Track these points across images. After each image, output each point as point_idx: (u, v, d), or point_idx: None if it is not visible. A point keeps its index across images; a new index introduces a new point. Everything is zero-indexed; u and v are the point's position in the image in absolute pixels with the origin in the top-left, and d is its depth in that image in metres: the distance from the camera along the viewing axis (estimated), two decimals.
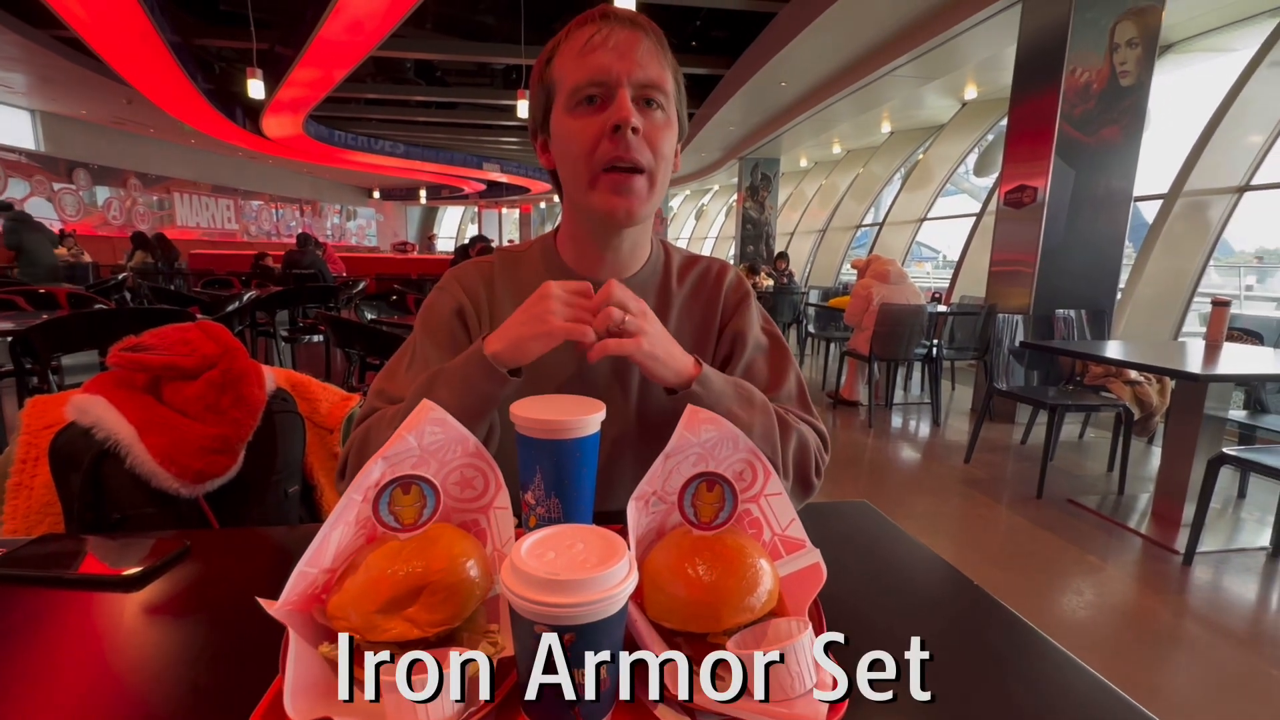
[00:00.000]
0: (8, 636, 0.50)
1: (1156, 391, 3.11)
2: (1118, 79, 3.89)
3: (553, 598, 0.35)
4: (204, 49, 8.40)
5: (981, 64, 5.65)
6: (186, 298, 4.11)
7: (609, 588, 0.36)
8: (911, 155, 8.79)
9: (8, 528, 0.82)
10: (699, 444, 0.51)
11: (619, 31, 0.66)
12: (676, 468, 0.51)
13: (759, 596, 0.44)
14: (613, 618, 0.37)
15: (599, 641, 0.37)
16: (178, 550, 0.62)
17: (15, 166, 10.28)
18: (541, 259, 0.80)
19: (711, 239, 15.22)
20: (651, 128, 0.68)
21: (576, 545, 0.40)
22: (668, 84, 0.69)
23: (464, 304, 0.77)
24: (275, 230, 16.75)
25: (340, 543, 0.44)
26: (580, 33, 0.67)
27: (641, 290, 0.79)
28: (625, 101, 0.66)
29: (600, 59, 0.66)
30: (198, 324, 0.88)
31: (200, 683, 0.45)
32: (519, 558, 0.37)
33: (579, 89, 0.67)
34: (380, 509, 0.43)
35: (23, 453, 0.86)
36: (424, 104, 11.37)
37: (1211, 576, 2.18)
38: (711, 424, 0.51)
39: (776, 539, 0.53)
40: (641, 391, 0.77)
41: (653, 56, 0.67)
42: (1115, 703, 0.45)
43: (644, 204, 0.71)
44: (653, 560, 0.47)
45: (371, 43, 6.64)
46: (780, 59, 6.00)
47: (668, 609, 0.44)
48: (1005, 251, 4.30)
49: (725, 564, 0.44)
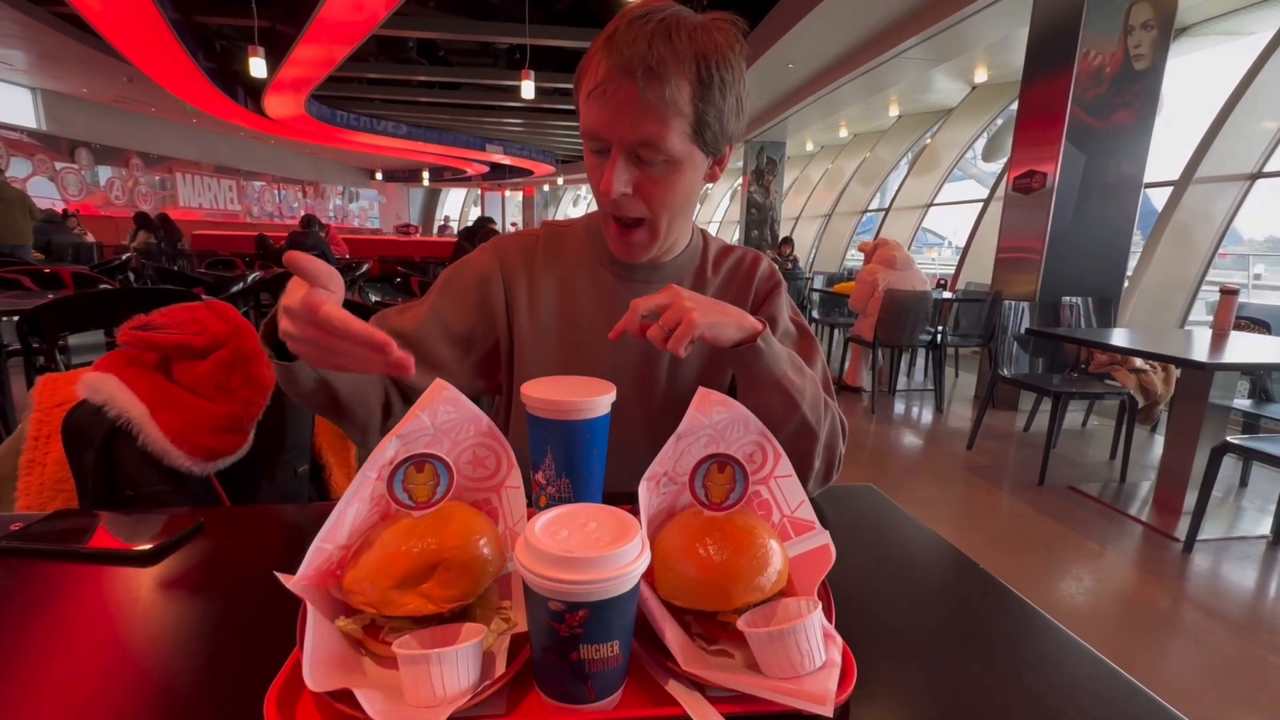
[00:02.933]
0: (27, 609, 0.50)
1: (1161, 380, 3.10)
2: (1131, 62, 3.83)
3: (567, 575, 0.36)
4: (205, 26, 8.31)
5: (993, 46, 5.56)
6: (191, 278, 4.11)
7: (622, 566, 0.37)
8: (919, 139, 8.68)
9: (21, 503, 0.83)
10: (710, 425, 0.51)
11: (623, 86, 0.63)
12: (688, 449, 0.51)
13: (769, 576, 0.44)
14: (625, 595, 0.37)
15: (611, 618, 0.37)
16: (191, 527, 0.63)
17: (17, 145, 10.24)
18: (586, 236, 0.83)
19: (716, 223, 15.12)
20: (647, 182, 0.68)
21: (590, 524, 0.40)
22: (668, 139, 0.65)
23: (493, 274, 0.80)
24: (278, 211, 16.70)
25: (355, 519, 0.45)
26: (595, 68, 0.65)
27: (678, 275, 0.83)
28: (611, 172, 0.67)
29: (598, 116, 0.66)
30: (206, 303, 0.89)
31: (217, 655, 0.45)
32: (533, 535, 0.38)
33: (586, 136, 0.69)
34: (395, 487, 0.43)
35: (35, 430, 0.87)
36: (426, 84, 11.25)
37: (1211, 564, 2.19)
38: (723, 406, 0.51)
39: (786, 520, 0.53)
40: (671, 372, 0.80)
41: (650, 114, 0.64)
42: (1116, 680, 0.45)
43: (645, 249, 0.75)
44: (664, 540, 0.47)
45: (374, 20, 6.55)
46: (787, 41, 5.91)
47: (678, 588, 0.44)
48: (1012, 238, 4.27)
49: (735, 544, 0.45)
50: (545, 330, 0.80)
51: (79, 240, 7.65)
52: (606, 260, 0.81)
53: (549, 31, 7.58)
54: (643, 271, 0.80)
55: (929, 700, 0.43)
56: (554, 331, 0.80)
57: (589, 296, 0.80)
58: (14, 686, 0.42)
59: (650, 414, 0.79)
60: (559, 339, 0.80)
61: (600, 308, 0.79)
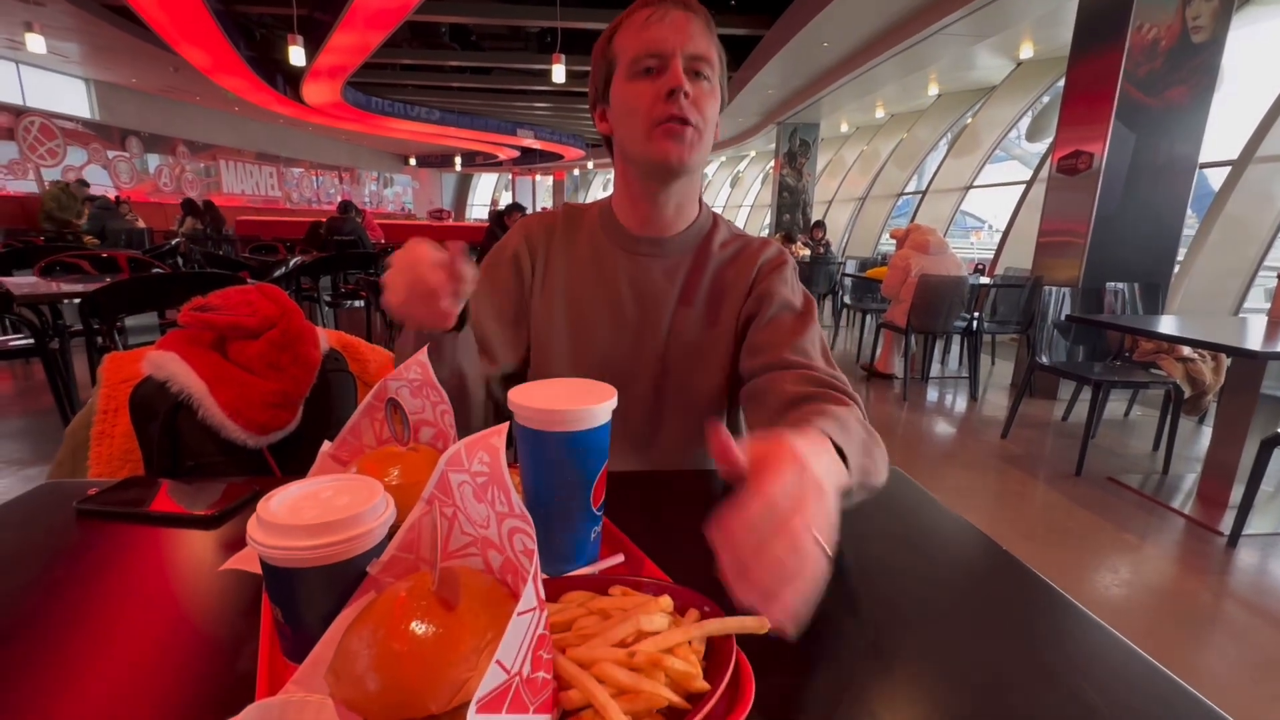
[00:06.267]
0: (103, 564, 0.56)
1: (1211, 369, 2.98)
2: (1189, 35, 3.63)
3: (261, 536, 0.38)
4: (245, 15, 8.49)
5: (1040, 19, 5.33)
6: (236, 263, 4.26)
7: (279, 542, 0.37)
8: (959, 119, 8.40)
9: (94, 471, 0.90)
10: (468, 473, 0.37)
11: (674, 11, 0.76)
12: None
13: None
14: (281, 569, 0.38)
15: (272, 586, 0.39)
16: (249, 494, 0.68)
17: (73, 135, 10.67)
18: (598, 217, 0.90)
19: (747, 207, 14.93)
20: (699, 94, 0.77)
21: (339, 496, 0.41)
22: (714, 58, 0.78)
23: (522, 251, 0.88)
24: (315, 197, 17.07)
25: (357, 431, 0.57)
26: (640, 12, 0.77)
27: (682, 246, 0.87)
28: (678, 70, 0.76)
29: (657, 33, 0.76)
30: (257, 286, 0.94)
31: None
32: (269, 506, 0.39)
33: (639, 59, 0.76)
34: (388, 418, 0.53)
35: (104, 404, 0.94)
36: (458, 69, 11.32)
37: (1258, 560, 2.12)
38: (490, 458, 0.36)
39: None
40: (671, 332, 0.85)
41: (702, 34, 0.77)
42: (1149, 671, 0.45)
43: (693, 152, 0.79)
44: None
45: (408, 6, 6.61)
46: (823, 18, 5.76)
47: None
48: (1056, 221, 4.12)
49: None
50: (554, 296, 0.87)
51: (131, 226, 7.98)
52: (615, 235, 0.87)
53: (580, 15, 7.53)
54: (646, 245, 0.86)
55: (958, 684, 0.43)
56: (561, 297, 0.87)
57: (592, 265, 0.87)
58: (91, 632, 0.46)
59: (649, 375, 0.84)
60: (565, 306, 0.86)
61: (600, 275, 0.86)
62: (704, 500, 0.68)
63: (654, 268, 0.85)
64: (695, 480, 0.79)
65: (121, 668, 0.43)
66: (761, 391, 0.76)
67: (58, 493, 0.69)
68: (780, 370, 0.75)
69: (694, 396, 0.84)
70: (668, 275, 0.85)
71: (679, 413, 0.85)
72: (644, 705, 0.34)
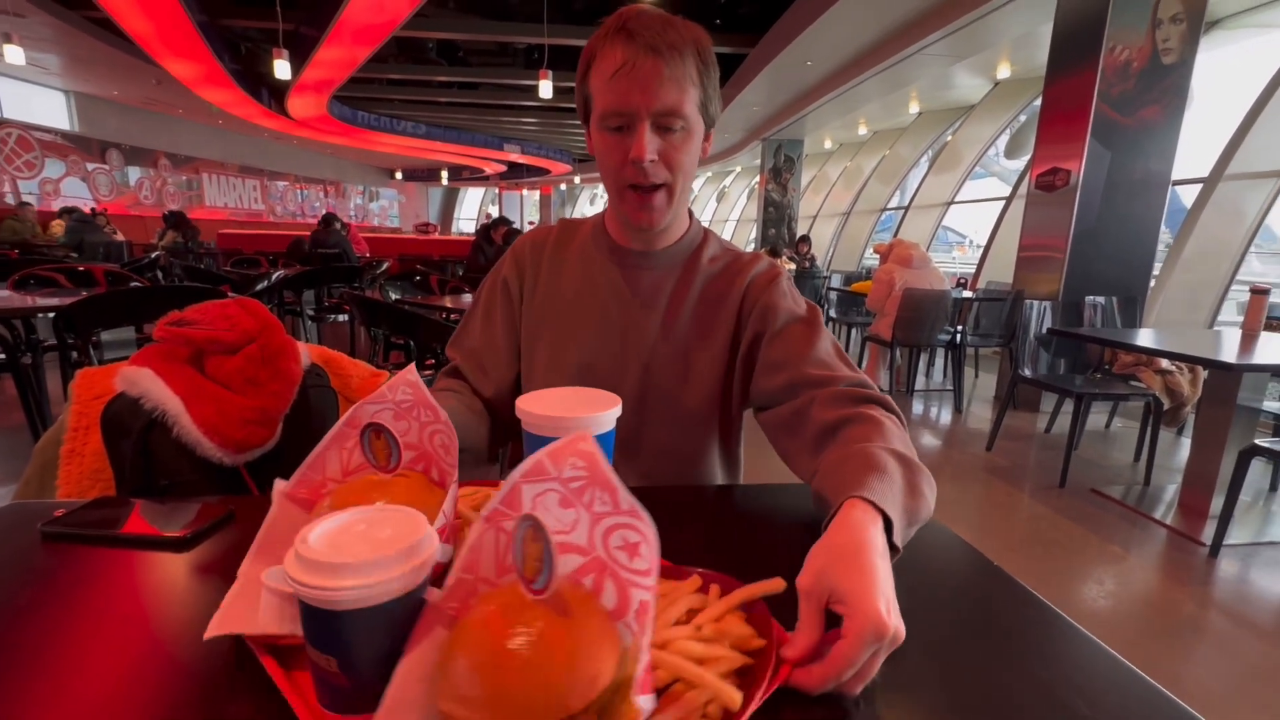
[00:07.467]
0: (69, 590, 0.53)
1: (1188, 381, 3.03)
2: (1159, 57, 3.75)
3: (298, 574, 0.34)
4: (230, 29, 8.47)
5: (1016, 41, 5.47)
6: (217, 276, 4.20)
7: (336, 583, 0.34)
8: (940, 136, 8.57)
9: (63, 491, 0.87)
10: (558, 480, 0.37)
11: (644, 62, 0.71)
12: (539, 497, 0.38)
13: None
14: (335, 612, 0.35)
15: (316, 628, 0.36)
16: (223, 515, 0.65)
17: (51, 147, 10.53)
18: (591, 233, 0.90)
19: (733, 221, 15.06)
20: (669, 148, 0.75)
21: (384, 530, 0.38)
22: (686, 106, 0.74)
23: (510, 275, 0.90)
24: (300, 210, 16.96)
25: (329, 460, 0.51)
26: (611, 54, 0.72)
27: (671, 259, 0.87)
28: (642, 139, 0.73)
29: (625, 91, 0.72)
30: (236, 300, 0.92)
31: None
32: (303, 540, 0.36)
33: (606, 116, 0.75)
34: (364, 445, 0.49)
35: (74, 421, 0.91)
36: (446, 84, 11.36)
37: (1238, 569, 2.14)
38: (585, 463, 0.37)
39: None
40: (659, 340, 0.84)
41: (673, 84, 0.72)
42: (1136, 683, 0.45)
43: (664, 214, 0.80)
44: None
45: (395, 22, 6.64)
46: (806, 37, 5.87)
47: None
48: (1035, 236, 4.20)
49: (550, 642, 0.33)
50: (540, 304, 0.88)
51: (109, 239, 7.84)
52: (605, 247, 0.88)
53: (567, 31, 7.61)
54: (634, 257, 0.86)
55: (946, 699, 0.43)
56: (546, 304, 0.88)
57: (580, 273, 0.88)
58: (57, 660, 0.44)
59: (633, 382, 0.83)
60: (549, 311, 0.87)
61: (586, 282, 0.86)
62: (690, 515, 0.67)
63: (642, 278, 0.85)
64: (679, 494, 0.78)
65: (85, 704, 0.41)
66: (793, 422, 0.73)
67: (22, 513, 0.66)
68: (806, 390, 0.73)
69: (680, 406, 0.84)
70: (656, 285, 0.85)
71: (664, 422, 0.84)
72: (726, 668, 0.39)
